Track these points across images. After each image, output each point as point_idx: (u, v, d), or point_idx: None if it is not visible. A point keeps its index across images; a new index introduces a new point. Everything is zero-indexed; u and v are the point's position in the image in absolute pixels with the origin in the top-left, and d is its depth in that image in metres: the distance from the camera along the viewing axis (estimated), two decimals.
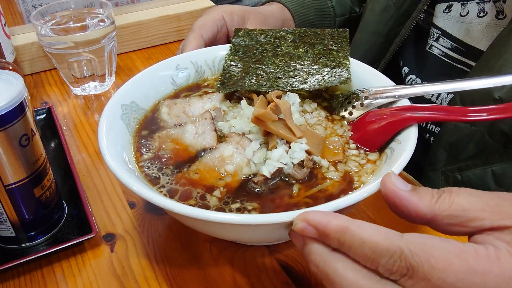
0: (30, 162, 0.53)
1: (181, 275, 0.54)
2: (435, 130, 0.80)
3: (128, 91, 0.62)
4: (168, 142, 0.58)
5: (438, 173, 0.72)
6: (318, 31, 0.73)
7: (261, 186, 0.51)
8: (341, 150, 0.56)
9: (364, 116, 0.59)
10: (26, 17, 1.15)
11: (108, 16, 0.87)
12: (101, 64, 0.89)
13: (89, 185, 0.68)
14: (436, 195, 0.38)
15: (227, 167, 0.53)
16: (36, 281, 0.54)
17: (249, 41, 0.73)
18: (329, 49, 0.70)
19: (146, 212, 0.62)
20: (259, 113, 0.52)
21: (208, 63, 0.72)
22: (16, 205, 0.53)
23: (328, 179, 0.53)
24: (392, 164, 0.49)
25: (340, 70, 0.66)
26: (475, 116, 0.50)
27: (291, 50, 0.70)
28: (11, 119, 0.49)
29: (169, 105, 0.64)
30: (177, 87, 0.69)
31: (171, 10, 1.10)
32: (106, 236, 0.59)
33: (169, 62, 0.69)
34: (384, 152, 0.55)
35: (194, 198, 0.50)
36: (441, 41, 0.79)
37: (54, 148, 0.74)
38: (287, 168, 0.52)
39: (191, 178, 0.53)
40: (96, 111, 0.87)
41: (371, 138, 0.57)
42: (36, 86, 0.96)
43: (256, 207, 0.49)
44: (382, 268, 0.35)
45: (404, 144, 0.52)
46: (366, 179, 0.52)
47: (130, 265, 0.55)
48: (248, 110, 0.59)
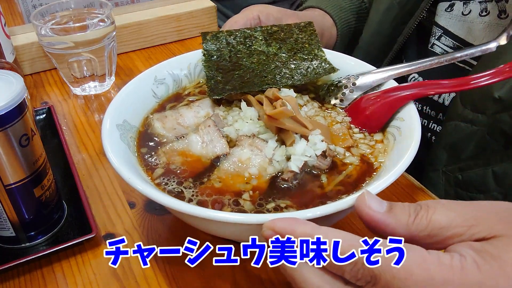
0: (30, 162, 0.53)
1: (181, 275, 0.54)
2: (437, 129, 0.80)
3: (117, 109, 0.59)
4: (176, 156, 0.57)
5: (439, 173, 0.72)
6: (285, 26, 0.74)
7: (291, 182, 0.52)
8: (348, 136, 0.59)
9: (358, 101, 0.62)
10: (26, 17, 1.15)
11: (108, 16, 0.87)
12: (101, 64, 0.89)
13: (89, 185, 0.68)
14: (413, 213, 0.37)
15: (250, 170, 0.53)
16: (36, 281, 0.54)
17: (219, 44, 0.72)
18: (301, 43, 0.71)
19: (146, 212, 0.62)
20: (275, 112, 0.52)
21: (184, 71, 0.71)
22: (16, 205, 0.53)
23: (348, 164, 0.55)
24: (405, 141, 0.52)
25: (318, 62, 0.68)
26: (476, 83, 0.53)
27: (265, 49, 0.71)
28: (11, 119, 0.49)
29: (160, 119, 0.62)
30: (159, 100, 0.67)
31: (171, 10, 1.10)
32: (106, 236, 0.59)
33: (147, 74, 0.67)
34: (387, 131, 0.58)
35: (228, 205, 0.50)
36: (443, 39, 0.79)
37: (54, 148, 0.74)
38: (312, 160, 0.53)
39: (216, 187, 0.52)
40: (96, 111, 0.87)
41: (372, 120, 0.59)
42: (36, 86, 0.96)
43: (291, 204, 0.50)
44: (348, 275, 0.35)
45: (410, 121, 0.55)
46: (383, 158, 0.55)
47: (130, 265, 0.55)
48: (249, 111, 0.59)
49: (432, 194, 0.65)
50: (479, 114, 0.66)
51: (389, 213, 0.37)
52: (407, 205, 0.38)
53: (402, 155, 0.49)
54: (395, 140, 0.56)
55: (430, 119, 0.82)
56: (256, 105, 0.59)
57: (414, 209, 0.37)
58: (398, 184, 0.66)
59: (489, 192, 0.66)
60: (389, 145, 0.57)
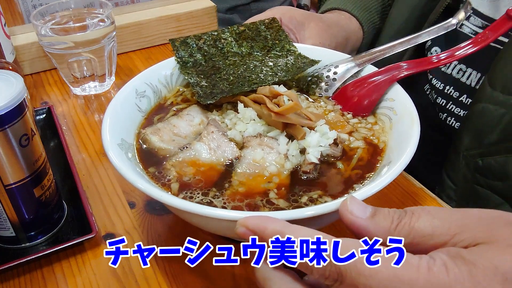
0: (30, 162, 0.53)
1: (181, 275, 0.54)
2: (455, 111, 0.79)
3: (112, 127, 0.56)
4: (186, 168, 0.55)
5: (459, 156, 0.70)
6: (250, 25, 0.74)
7: (313, 173, 0.53)
8: (345, 122, 0.62)
9: (344, 89, 0.66)
10: (26, 17, 1.15)
11: (108, 16, 0.87)
12: (101, 64, 0.89)
13: (89, 185, 0.68)
14: (397, 220, 0.36)
15: (268, 168, 0.53)
16: (36, 281, 0.54)
17: (190, 49, 0.71)
18: (271, 40, 0.73)
19: (146, 212, 0.62)
20: (286, 107, 0.53)
21: (161, 81, 0.68)
22: (16, 205, 0.53)
23: (356, 148, 0.57)
24: (403, 119, 0.57)
25: (294, 57, 0.70)
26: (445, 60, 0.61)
27: (237, 50, 0.71)
28: (11, 119, 0.49)
29: (154, 133, 0.59)
30: (144, 114, 0.65)
31: (171, 10, 1.10)
32: (106, 236, 0.59)
33: (128, 88, 0.64)
34: (377, 113, 0.63)
35: (263, 206, 0.50)
36: (472, 19, 0.77)
37: (54, 148, 0.74)
38: (326, 149, 0.55)
39: (241, 192, 0.52)
40: (96, 111, 0.87)
41: (362, 105, 0.63)
42: (36, 86, 0.96)
43: (322, 193, 0.51)
44: (316, 273, 0.35)
45: (401, 99, 0.60)
46: (385, 138, 0.59)
47: (130, 265, 0.55)
48: (248, 112, 0.59)
49: (432, 194, 0.65)
50: (510, 96, 0.64)
51: (371, 219, 0.37)
52: (392, 211, 0.38)
53: (405, 137, 0.53)
54: (391, 120, 0.60)
55: (450, 100, 0.79)
56: (253, 105, 0.59)
57: (398, 215, 0.37)
58: (398, 184, 0.66)
59: (508, 180, 0.64)
60: (386, 125, 0.60)
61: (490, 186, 0.67)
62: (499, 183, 0.66)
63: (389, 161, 0.53)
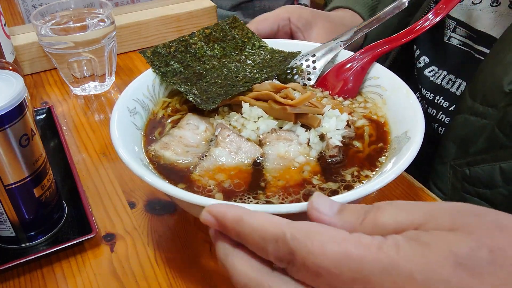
0: (30, 162, 0.53)
1: (181, 275, 0.54)
2: (445, 121, 0.80)
3: (125, 149, 0.52)
4: (216, 174, 0.53)
5: (447, 166, 0.71)
6: (214, 26, 0.74)
7: (339, 155, 0.56)
8: (340, 105, 0.64)
9: (326, 76, 0.69)
10: (26, 17, 1.15)
11: (108, 16, 0.87)
12: (101, 64, 0.89)
13: (89, 185, 0.68)
14: (362, 216, 0.36)
15: (297, 159, 0.54)
16: (36, 281, 0.54)
17: (164, 59, 0.68)
18: (240, 39, 0.73)
19: (146, 212, 0.62)
20: (301, 98, 0.55)
21: (145, 94, 0.65)
22: (16, 205, 0.53)
23: (362, 127, 0.61)
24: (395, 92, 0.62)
25: (268, 52, 0.72)
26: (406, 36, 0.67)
27: (211, 53, 0.71)
28: (11, 119, 0.49)
29: (164, 147, 0.57)
30: (141, 131, 0.62)
31: (171, 10, 1.10)
32: (106, 236, 0.59)
33: (120, 106, 0.60)
34: (363, 92, 0.67)
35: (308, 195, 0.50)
36: (458, 31, 0.78)
37: (54, 148, 0.74)
38: (343, 131, 0.57)
39: (281, 186, 0.52)
40: (96, 111, 0.87)
41: (349, 88, 0.67)
42: (36, 86, 0.96)
43: (358, 168, 0.54)
44: (272, 256, 0.34)
45: (385, 75, 0.65)
46: (381, 113, 0.62)
47: (130, 265, 0.55)
48: (254, 110, 0.59)
49: (432, 194, 0.65)
50: (489, 107, 0.65)
51: (337, 215, 0.37)
52: (361, 207, 0.37)
53: (404, 107, 0.58)
54: (382, 96, 0.64)
55: (440, 110, 0.81)
56: (257, 102, 0.59)
57: (364, 211, 0.36)
58: (398, 184, 0.66)
59: (496, 188, 0.65)
60: (378, 102, 0.64)
61: (479, 194, 0.67)
62: (487, 191, 0.66)
63: (397, 132, 0.57)
